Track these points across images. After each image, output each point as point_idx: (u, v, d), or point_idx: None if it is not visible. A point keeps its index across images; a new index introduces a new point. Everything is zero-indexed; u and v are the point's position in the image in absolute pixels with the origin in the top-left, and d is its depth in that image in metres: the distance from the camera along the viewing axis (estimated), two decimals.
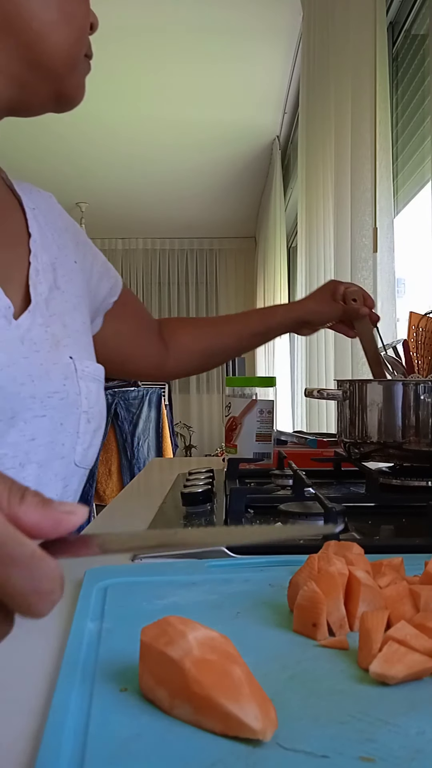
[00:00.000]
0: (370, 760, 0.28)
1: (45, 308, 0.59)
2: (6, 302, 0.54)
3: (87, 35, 0.63)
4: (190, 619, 0.34)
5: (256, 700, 0.30)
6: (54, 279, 0.63)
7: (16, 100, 0.60)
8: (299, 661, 0.38)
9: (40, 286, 0.60)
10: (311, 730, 0.30)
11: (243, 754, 0.28)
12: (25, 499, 0.26)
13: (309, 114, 2.67)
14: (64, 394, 0.56)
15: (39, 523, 0.26)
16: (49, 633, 0.46)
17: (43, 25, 0.57)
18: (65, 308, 0.63)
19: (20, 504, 0.26)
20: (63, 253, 0.67)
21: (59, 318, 0.61)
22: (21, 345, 0.54)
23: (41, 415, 0.53)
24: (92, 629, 0.43)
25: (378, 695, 0.34)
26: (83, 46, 0.62)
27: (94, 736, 0.30)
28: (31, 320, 0.57)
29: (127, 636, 0.41)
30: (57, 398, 0.55)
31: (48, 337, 0.58)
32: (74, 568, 0.60)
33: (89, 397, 0.60)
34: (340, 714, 0.32)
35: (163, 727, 0.31)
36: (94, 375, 0.62)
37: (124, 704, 0.33)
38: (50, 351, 0.57)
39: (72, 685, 0.35)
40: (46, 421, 0.54)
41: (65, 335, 0.61)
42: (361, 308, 0.99)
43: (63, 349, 0.59)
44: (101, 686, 0.35)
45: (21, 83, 0.59)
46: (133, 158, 4.82)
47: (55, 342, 0.58)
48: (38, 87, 0.60)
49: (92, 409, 0.60)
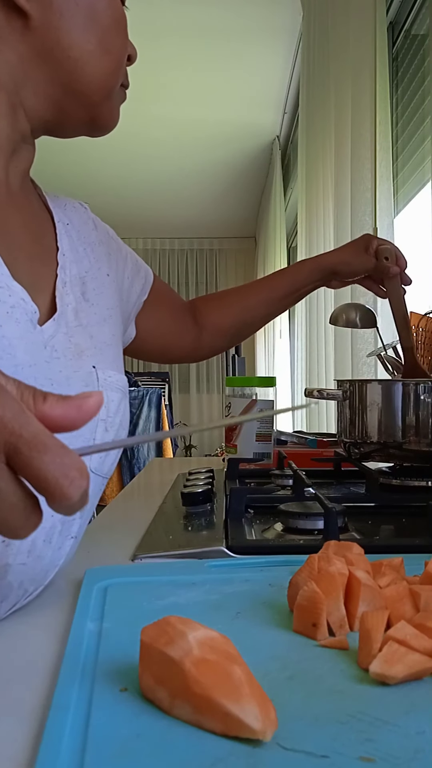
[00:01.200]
0: (370, 760, 0.28)
1: (72, 318, 0.61)
2: (33, 307, 0.55)
3: (124, 66, 0.66)
4: (190, 619, 0.34)
5: (256, 700, 0.30)
6: (83, 292, 0.65)
7: (54, 122, 0.64)
8: (299, 661, 0.38)
9: (66, 297, 0.62)
10: (311, 730, 0.30)
11: (243, 754, 0.28)
12: (48, 398, 0.31)
13: (309, 114, 2.67)
14: None
15: (64, 414, 0.31)
16: (49, 633, 0.46)
17: (82, 54, 0.60)
18: (93, 320, 0.64)
19: (44, 403, 0.31)
20: (95, 266, 0.69)
21: (85, 329, 0.62)
22: (44, 350, 0.55)
23: None
24: (92, 629, 0.43)
25: (378, 695, 0.34)
26: (119, 77, 0.66)
27: (94, 736, 0.30)
28: (55, 328, 0.58)
29: (127, 636, 0.41)
30: None
31: (71, 346, 0.59)
32: (74, 568, 0.60)
33: (109, 406, 0.61)
34: (340, 714, 0.32)
35: (163, 727, 0.31)
36: (117, 385, 0.63)
37: (124, 704, 0.33)
38: (72, 359, 0.59)
39: (72, 684, 0.35)
40: None
41: (90, 346, 0.62)
42: (393, 267, 0.97)
43: (86, 359, 0.60)
44: (101, 686, 0.35)
45: (59, 107, 0.62)
46: (133, 158, 4.82)
47: (78, 351, 0.60)
48: (74, 112, 0.64)
49: (111, 418, 0.61)
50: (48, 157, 4.82)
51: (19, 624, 0.49)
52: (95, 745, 0.29)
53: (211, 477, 1.01)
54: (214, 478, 1.03)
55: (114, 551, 0.69)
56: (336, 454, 1.13)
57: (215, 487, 0.96)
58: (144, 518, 0.83)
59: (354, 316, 1.11)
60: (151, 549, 0.67)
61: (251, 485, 1.03)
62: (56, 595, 0.55)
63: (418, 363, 1.02)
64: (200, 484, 0.92)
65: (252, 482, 1.05)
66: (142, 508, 0.93)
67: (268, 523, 0.75)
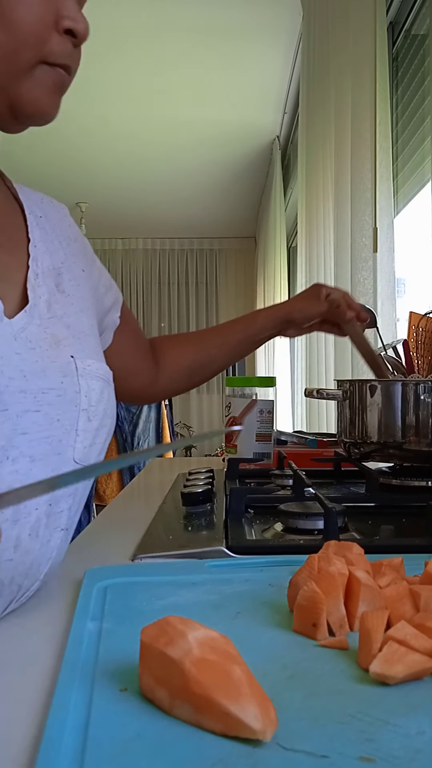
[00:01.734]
0: (370, 760, 0.28)
1: (45, 310, 0.60)
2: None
3: (43, 41, 0.56)
4: (190, 619, 0.34)
5: (257, 700, 0.30)
6: (57, 284, 0.63)
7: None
8: (299, 661, 0.38)
9: (39, 289, 0.61)
10: (311, 730, 0.30)
11: (243, 754, 0.28)
12: None
13: (309, 114, 2.67)
14: (61, 391, 0.56)
15: None
16: (48, 632, 0.46)
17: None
18: (70, 311, 0.63)
19: None
20: (71, 260, 0.68)
21: (61, 320, 0.61)
22: (14, 341, 0.55)
23: (35, 410, 0.54)
24: (92, 629, 0.43)
25: (378, 695, 0.34)
26: (32, 53, 0.56)
27: (94, 736, 0.30)
28: (27, 320, 0.57)
29: (127, 636, 0.41)
30: (53, 395, 0.56)
31: (47, 336, 0.58)
32: (74, 568, 0.60)
33: (90, 395, 0.60)
34: (340, 714, 0.32)
35: (163, 728, 0.31)
36: (98, 374, 0.62)
37: (124, 704, 0.33)
38: (49, 349, 0.58)
39: (72, 684, 0.35)
40: (40, 416, 0.54)
41: (68, 335, 0.61)
42: (347, 311, 0.97)
43: (64, 349, 0.59)
44: (101, 686, 0.35)
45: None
46: (133, 158, 4.82)
47: (55, 341, 0.59)
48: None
49: (94, 407, 0.60)
50: (48, 156, 4.79)
51: (17, 624, 0.49)
52: (95, 745, 0.29)
53: (211, 477, 1.02)
54: (214, 478, 1.03)
55: (114, 551, 0.69)
56: (336, 454, 1.13)
57: (215, 487, 0.96)
58: (144, 518, 0.83)
59: None
60: (151, 549, 0.67)
61: (251, 485, 1.03)
62: (56, 595, 0.55)
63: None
64: (200, 484, 0.92)
65: (252, 482, 1.05)
66: (142, 508, 0.93)
67: (268, 523, 0.75)
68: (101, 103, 3.88)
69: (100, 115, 4.03)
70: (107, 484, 3.65)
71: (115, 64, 3.43)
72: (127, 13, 3.01)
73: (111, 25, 3.05)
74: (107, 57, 3.30)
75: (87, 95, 3.73)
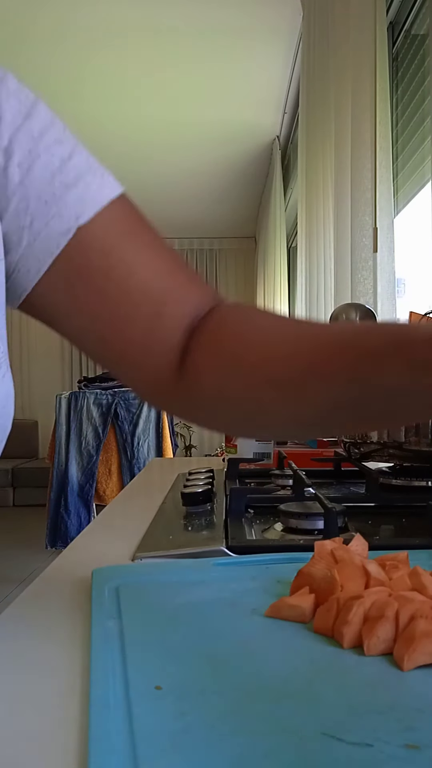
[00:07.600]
0: (416, 747, 0.28)
1: None
2: None
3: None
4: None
5: None
6: None
7: None
8: (325, 654, 0.39)
9: None
10: (351, 721, 0.31)
11: (291, 745, 0.29)
12: None
13: (309, 114, 2.66)
14: None
15: None
16: (67, 631, 0.46)
17: None
18: None
19: None
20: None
21: None
22: None
23: None
24: (113, 628, 0.43)
25: (409, 686, 0.35)
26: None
27: (141, 732, 0.30)
28: None
29: (149, 635, 0.42)
30: None
31: None
32: (75, 568, 0.60)
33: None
34: (377, 705, 0.33)
35: (210, 723, 0.31)
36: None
37: (162, 701, 0.33)
38: None
39: (106, 683, 0.35)
40: None
41: None
42: None
43: None
44: (135, 684, 0.35)
45: None
46: (133, 158, 4.82)
47: None
48: None
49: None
50: None
51: (32, 625, 0.49)
52: (144, 741, 0.29)
53: (211, 477, 1.01)
54: (214, 478, 1.03)
55: (114, 551, 0.69)
56: (336, 454, 1.13)
57: (215, 487, 0.96)
58: (144, 518, 0.83)
59: (354, 316, 1.12)
60: (151, 549, 0.67)
61: (251, 485, 1.03)
62: (63, 594, 0.55)
63: None
64: (200, 484, 0.92)
65: (252, 482, 1.05)
66: (142, 508, 0.93)
67: (268, 523, 0.75)
68: (101, 104, 3.88)
69: (99, 115, 4.02)
70: (107, 484, 3.65)
71: (114, 64, 3.43)
72: (127, 13, 3.01)
73: (111, 25, 3.05)
74: (107, 57, 3.30)
75: (87, 95, 3.73)
